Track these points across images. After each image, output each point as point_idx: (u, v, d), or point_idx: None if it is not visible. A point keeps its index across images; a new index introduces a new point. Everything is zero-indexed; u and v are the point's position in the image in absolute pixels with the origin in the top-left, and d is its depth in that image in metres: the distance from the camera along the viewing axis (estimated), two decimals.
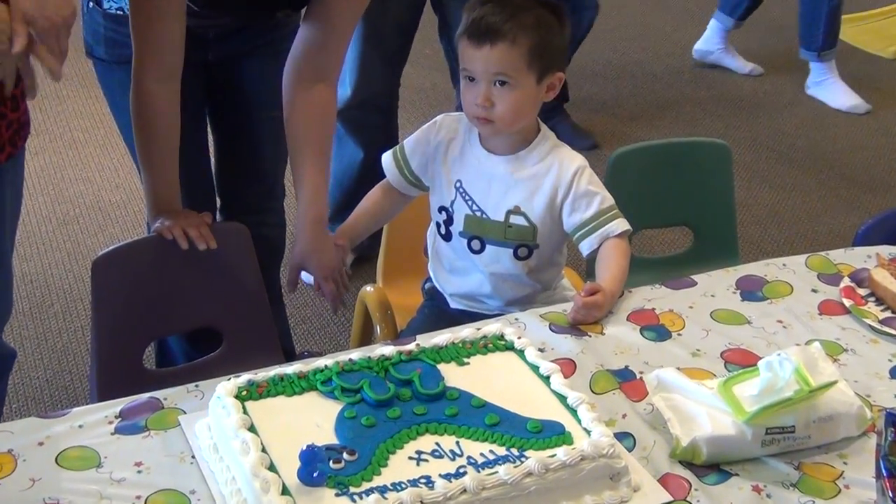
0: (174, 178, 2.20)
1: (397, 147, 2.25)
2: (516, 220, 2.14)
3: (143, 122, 2.16)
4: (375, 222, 2.38)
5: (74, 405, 1.76)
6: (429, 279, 2.33)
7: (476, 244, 2.17)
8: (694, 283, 2.14)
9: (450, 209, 2.19)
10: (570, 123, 4.41)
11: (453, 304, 2.26)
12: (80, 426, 1.67)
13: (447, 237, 2.21)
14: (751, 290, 2.13)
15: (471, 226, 2.16)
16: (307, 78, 2.23)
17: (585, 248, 2.13)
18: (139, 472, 1.59)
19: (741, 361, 1.90)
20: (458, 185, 2.17)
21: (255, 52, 2.40)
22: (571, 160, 2.14)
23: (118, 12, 2.23)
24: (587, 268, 2.25)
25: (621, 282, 2.07)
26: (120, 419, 1.69)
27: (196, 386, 1.77)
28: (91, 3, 2.30)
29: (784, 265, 2.21)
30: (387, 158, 2.26)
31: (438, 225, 2.23)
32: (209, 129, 2.55)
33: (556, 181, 2.12)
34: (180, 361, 2.43)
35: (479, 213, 2.15)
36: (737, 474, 1.65)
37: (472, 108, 2.07)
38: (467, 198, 2.16)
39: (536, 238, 2.15)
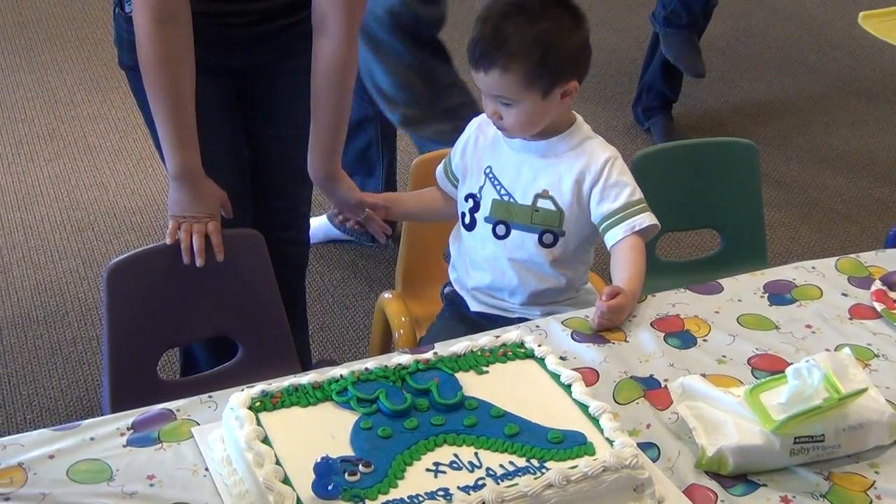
0: (189, 133, 2.13)
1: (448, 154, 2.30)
2: (544, 203, 2.13)
3: (146, 68, 2.10)
4: (424, 211, 2.40)
5: (89, 416, 1.74)
6: (448, 283, 2.31)
7: (501, 229, 2.16)
8: (720, 288, 2.09)
9: (477, 195, 2.19)
10: (665, 125, 4.40)
11: (474, 307, 2.23)
12: (92, 438, 1.65)
13: (471, 225, 2.20)
14: (779, 293, 2.08)
15: (497, 210, 2.16)
16: (316, 30, 2.18)
17: (610, 239, 2.10)
18: (151, 485, 1.57)
19: (769, 368, 1.86)
20: (487, 170, 2.18)
21: (285, 64, 2.36)
22: (603, 149, 2.15)
23: None
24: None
25: (640, 281, 2.04)
26: (132, 431, 1.66)
27: (209, 397, 1.74)
28: (117, 10, 2.29)
29: (813, 268, 2.16)
30: (439, 167, 2.31)
31: (463, 214, 2.22)
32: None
33: (585, 167, 2.12)
34: (205, 371, 2.40)
35: (506, 198, 2.15)
36: (764, 485, 1.61)
37: (489, 116, 2.13)
38: (496, 182, 2.16)
39: (562, 224, 2.13)
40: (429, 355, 1.74)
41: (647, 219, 2.10)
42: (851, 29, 4.82)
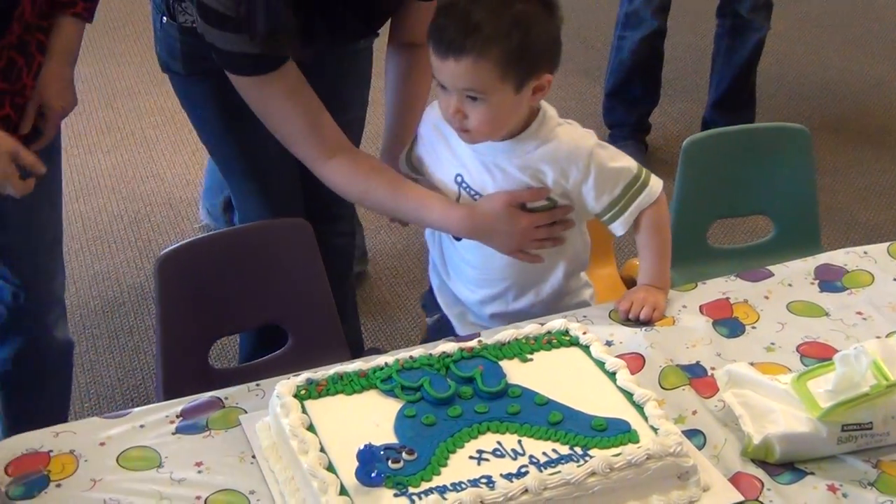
0: None
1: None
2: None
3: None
4: None
5: (145, 404, 1.77)
6: (430, 293, 2.17)
7: None
8: (770, 274, 2.08)
9: None
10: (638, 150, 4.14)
11: (463, 331, 2.08)
12: (142, 426, 1.67)
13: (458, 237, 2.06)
14: (830, 280, 2.06)
15: None
16: (402, 52, 2.25)
17: (618, 228, 1.98)
18: (199, 472, 1.59)
19: (818, 355, 1.84)
20: (458, 179, 2.00)
21: (335, 58, 2.35)
22: (581, 139, 1.94)
23: (194, 25, 2.11)
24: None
25: (662, 260, 2.00)
26: (181, 419, 1.69)
27: (257, 385, 1.76)
28: (165, 19, 2.25)
29: (865, 253, 2.14)
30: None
31: None
32: None
33: (565, 163, 1.92)
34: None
35: None
36: (812, 473, 1.60)
37: (448, 117, 1.89)
38: (472, 192, 1.99)
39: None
40: (473, 343, 1.74)
41: (649, 194, 1.96)
42: None
